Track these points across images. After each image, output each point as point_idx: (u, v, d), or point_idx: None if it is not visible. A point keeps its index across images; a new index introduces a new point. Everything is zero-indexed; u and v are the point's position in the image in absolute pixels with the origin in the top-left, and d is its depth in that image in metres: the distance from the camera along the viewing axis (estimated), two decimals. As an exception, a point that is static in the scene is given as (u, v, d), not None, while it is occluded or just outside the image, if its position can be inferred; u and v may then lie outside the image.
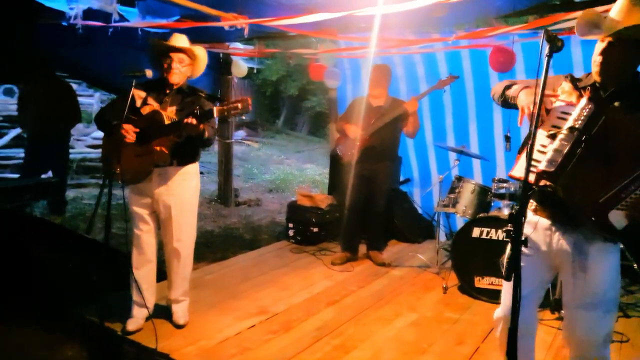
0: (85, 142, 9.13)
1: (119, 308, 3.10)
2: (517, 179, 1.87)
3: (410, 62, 5.36)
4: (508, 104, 2.09)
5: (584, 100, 1.84)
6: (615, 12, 1.81)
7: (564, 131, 1.83)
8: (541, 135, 1.87)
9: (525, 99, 1.93)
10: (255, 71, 9.18)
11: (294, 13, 3.49)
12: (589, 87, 1.94)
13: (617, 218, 1.78)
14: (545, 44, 1.70)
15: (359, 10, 2.90)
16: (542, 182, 1.83)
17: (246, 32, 4.43)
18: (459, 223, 5.36)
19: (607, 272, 1.91)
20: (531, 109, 1.87)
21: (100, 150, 3.71)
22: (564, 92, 1.95)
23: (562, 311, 2.15)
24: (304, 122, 17.36)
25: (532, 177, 1.75)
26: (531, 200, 2.02)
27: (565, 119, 1.86)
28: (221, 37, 5.34)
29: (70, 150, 6.41)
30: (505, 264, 1.74)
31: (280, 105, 17.62)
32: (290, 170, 10.56)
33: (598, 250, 1.90)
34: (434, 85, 4.30)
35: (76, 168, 8.01)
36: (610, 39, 1.81)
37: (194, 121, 2.80)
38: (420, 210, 5.61)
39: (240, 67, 6.40)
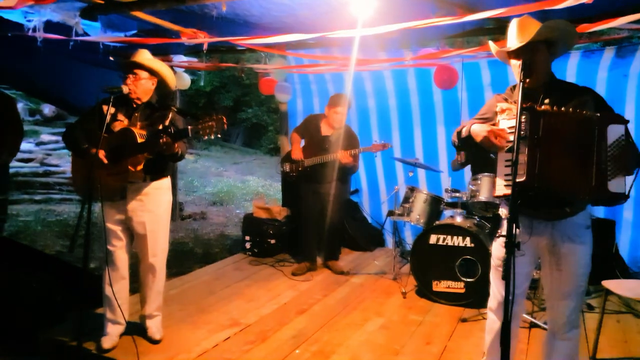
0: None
1: (87, 326, 3.01)
2: (502, 196, 2.10)
3: (359, 77, 5.62)
4: (469, 144, 2.29)
5: (520, 112, 2.08)
6: (514, 30, 2.15)
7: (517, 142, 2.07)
8: (502, 154, 2.12)
9: (480, 131, 2.18)
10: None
11: (263, 32, 3.62)
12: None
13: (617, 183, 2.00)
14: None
15: (333, 32, 3.07)
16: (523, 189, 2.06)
17: (205, 47, 4.50)
18: (407, 231, 5.69)
19: (577, 268, 2.18)
20: (492, 135, 2.11)
21: (30, 163, 3.58)
22: (503, 111, 2.17)
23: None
24: (238, 133, 17.32)
25: (509, 191, 1.98)
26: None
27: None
28: (167, 50, 5.32)
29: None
30: (497, 264, 1.97)
31: (214, 116, 17.46)
32: (232, 183, 10.52)
33: (569, 249, 2.17)
34: (367, 147, 4.44)
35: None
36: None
37: (169, 140, 2.83)
38: (370, 220, 5.85)
39: (183, 79, 6.32)
